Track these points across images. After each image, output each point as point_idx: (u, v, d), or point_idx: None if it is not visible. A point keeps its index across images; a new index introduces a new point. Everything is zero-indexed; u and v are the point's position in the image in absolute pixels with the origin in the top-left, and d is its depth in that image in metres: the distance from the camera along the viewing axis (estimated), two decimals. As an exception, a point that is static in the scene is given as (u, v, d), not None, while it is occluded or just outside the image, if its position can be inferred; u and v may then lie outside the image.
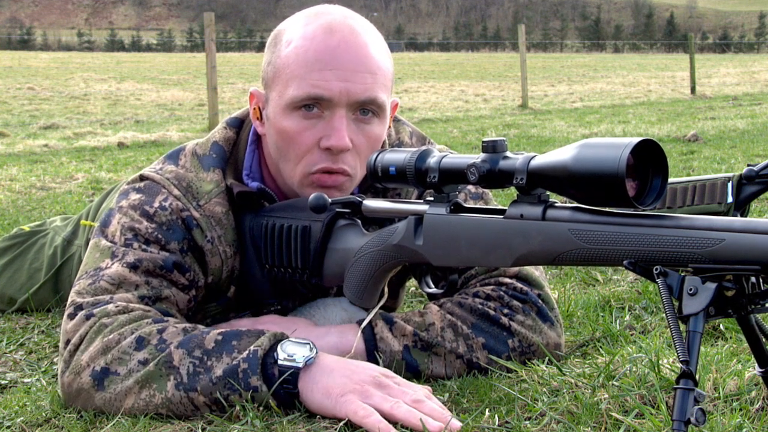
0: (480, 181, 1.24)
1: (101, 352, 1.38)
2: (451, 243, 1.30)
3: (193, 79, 23.52)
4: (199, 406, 1.34)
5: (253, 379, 1.31)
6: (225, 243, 1.57)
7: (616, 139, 1.08)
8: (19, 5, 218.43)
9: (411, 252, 1.36)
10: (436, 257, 1.33)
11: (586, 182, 1.08)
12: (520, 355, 1.52)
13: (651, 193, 1.09)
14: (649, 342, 1.67)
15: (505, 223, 1.23)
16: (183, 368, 1.34)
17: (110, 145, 8.72)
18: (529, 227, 1.19)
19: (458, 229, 1.29)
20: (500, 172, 1.22)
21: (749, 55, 50.05)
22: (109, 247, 1.52)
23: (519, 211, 1.21)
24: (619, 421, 1.25)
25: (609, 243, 1.10)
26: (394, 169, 1.34)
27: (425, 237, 1.33)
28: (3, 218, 3.98)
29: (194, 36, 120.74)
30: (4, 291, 2.28)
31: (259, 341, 1.35)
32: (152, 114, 13.68)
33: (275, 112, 1.54)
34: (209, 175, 1.59)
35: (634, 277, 2.40)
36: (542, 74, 26.35)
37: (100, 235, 1.55)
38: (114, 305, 1.43)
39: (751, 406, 1.30)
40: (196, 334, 1.39)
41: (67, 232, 2.31)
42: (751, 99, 14.94)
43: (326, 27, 1.52)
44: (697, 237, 1.02)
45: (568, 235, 1.14)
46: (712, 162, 5.55)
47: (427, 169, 1.31)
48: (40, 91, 18.68)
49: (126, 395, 1.36)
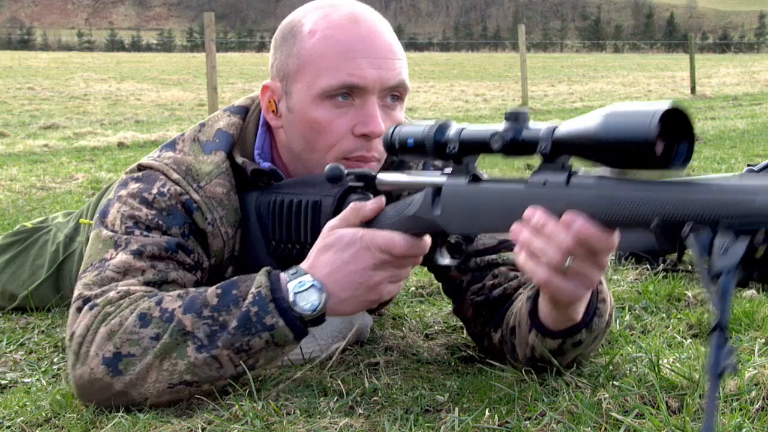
0: (503, 149, 1.24)
1: (106, 338, 1.38)
2: (471, 212, 1.30)
3: (193, 79, 23.54)
4: (223, 362, 1.36)
5: (268, 318, 1.35)
6: (227, 224, 1.57)
7: (643, 104, 1.09)
8: (19, 5, 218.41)
9: (427, 222, 1.36)
10: (454, 226, 1.33)
11: (614, 147, 1.09)
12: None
13: (678, 158, 1.10)
14: (649, 342, 1.67)
15: (529, 191, 1.22)
16: (199, 331, 1.36)
17: (110, 145, 8.72)
18: (553, 193, 1.19)
19: (479, 198, 1.29)
20: (523, 140, 1.22)
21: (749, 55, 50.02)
22: (111, 237, 1.51)
23: (542, 178, 1.21)
24: (619, 421, 1.25)
25: (637, 206, 1.10)
26: (412, 141, 1.34)
27: (443, 207, 1.33)
28: (3, 218, 3.98)
29: (194, 36, 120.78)
30: (5, 287, 2.28)
31: (257, 281, 1.38)
32: (152, 114, 13.69)
33: (303, 102, 1.54)
34: (209, 158, 1.59)
35: (633, 277, 2.40)
36: (542, 74, 26.37)
37: (100, 226, 1.55)
38: (115, 292, 1.43)
39: (751, 406, 1.30)
40: (195, 295, 1.40)
41: (69, 229, 2.31)
42: (751, 99, 14.96)
43: (350, 16, 1.54)
44: (727, 198, 1.03)
45: (594, 201, 1.14)
46: (712, 162, 5.55)
47: (446, 141, 1.31)
48: (40, 91, 18.69)
49: (147, 372, 1.36)
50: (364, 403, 1.39)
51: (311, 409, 1.35)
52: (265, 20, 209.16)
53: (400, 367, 1.62)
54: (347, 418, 1.30)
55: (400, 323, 1.99)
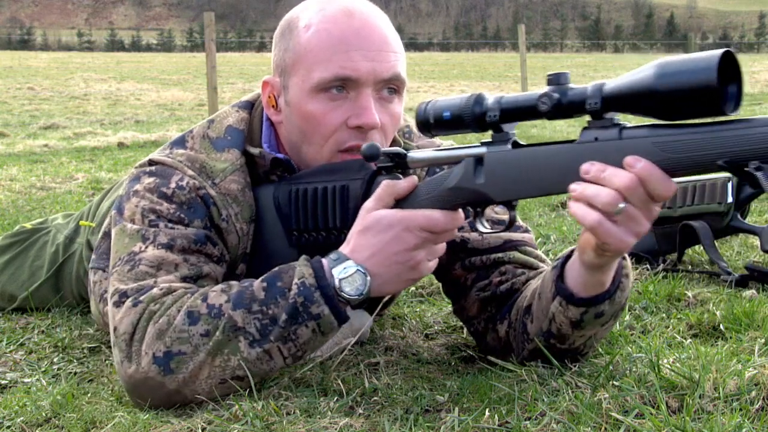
0: (551, 110, 1.24)
1: (156, 337, 1.38)
2: (520, 176, 1.29)
3: (193, 79, 23.55)
4: (274, 355, 1.38)
5: (314, 307, 1.36)
6: (241, 220, 1.57)
7: (697, 54, 1.10)
8: (19, 5, 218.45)
9: (470, 192, 1.36)
10: (501, 192, 1.32)
11: (673, 97, 1.10)
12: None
13: (730, 99, 1.11)
14: (649, 342, 1.67)
15: (580, 147, 1.22)
16: (251, 326, 1.37)
17: (110, 145, 8.73)
18: (606, 147, 1.19)
19: (527, 161, 1.28)
20: (571, 100, 1.22)
21: (749, 55, 49.99)
22: (138, 230, 1.50)
23: (593, 135, 1.21)
24: (619, 421, 1.25)
25: (697, 149, 1.11)
26: (449, 114, 1.34)
27: (487, 174, 1.33)
28: (3, 218, 3.98)
29: (194, 36, 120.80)
30: (5, 288, 2.28)
31: (299, 272, 1.39)
32: (152, 114, 13.69)
33: (299, 96, 1.55)
34: (223, 155, 1.59)
35: (633, 277, 2.40)
36: (542, 74, 26.35)
37: (121, 221, 1.54)
38: (158, 288, 1.43)
39: (751, 406, 1.30)
40: (241, 290, 1.40)
41: (69, 230, 2.31)
42: (751, 99, 14.96)
43: (345, 10, 1.54)
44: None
45: (651, 148, 1.15)
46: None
47: (485, 110, 1.31)
48: (40, 91, 18.69)
49: (200, 368, 1.37)
50: (364, 403, 1.39)
51: (311, 409, 1.35)
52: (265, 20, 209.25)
53: (400, 367, 1.62)
54: (347, 418, 1.30)
55: (400, 323, 1.99)
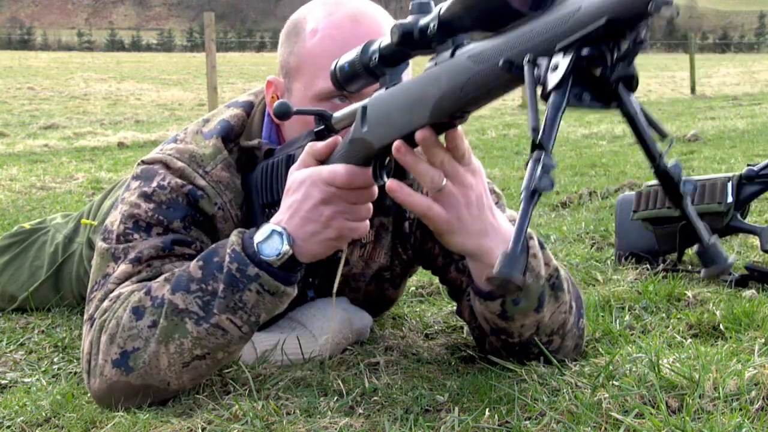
0: (401, 41, 1.21)
1: (109, 342, 1.40)
2: (388, 117, 1.28)
3: (193, 79, 23.53)
4: (225, 327, 1.37)
5: (249, 269, 1.36)
6: (236, 206, 1.58)
7: None
8: (19, 5, 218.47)
9: (361, 144, 1.33)
10: (378, 138, 1.30)
11: (478, 8, 1.06)
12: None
13: (533, 5, 1.04)
14: (649, 342, 1.67)
15: (422, 76, 1.21)
16: (192, 305, 1.37)
17: (110, 145, 8.72)
18: (438, 71, 1.17)
19: (390, 102, 1.27)
20: (421, 29, 1.19)
21: (749, 55, 50.02)
22: (108, 249, 1.52)
23: (434, 60, 1.20)
24: (619, 421, 1.25)
25: (495, 55, 1.07)
26: (347, 66, 1.32)
27: (368, 122, 1.31)
28: (3, 218, 3.98)
29: (194, 36, 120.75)
30: (5, 289, 2.28)
31: (230, 242, 1.39)
32: (152, 114, 13.69)
33: (301, 102, 1.54)
34: (209, 142, 1.60)
35: (633, 277, 2.40)
36: (542, 74, 26.29)
37: (102, 235, 1.56)
38: (109, 300, 1.45)
39: (751, 406, 1.30)
40: (180, 274, 1.41)
41: (68, 230, 2.31)
42: (751, 99, 14.96)
43: (351, 16, 1.53)
44: (557, 18, 0.99)
45: (466, 63, 1.12)
46: (712, 162, 5.55)
47: (369, 57, 1.29)
48: (40, 91, 18.69)
49: (158, 359, 1.38)
50: (364, 403, 1.39)
51: (311, 409, 1.35)
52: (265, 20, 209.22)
53: (400, 367, 1.62)
54: (347, 418, 1.30)
55: (400, 323, 1.99)
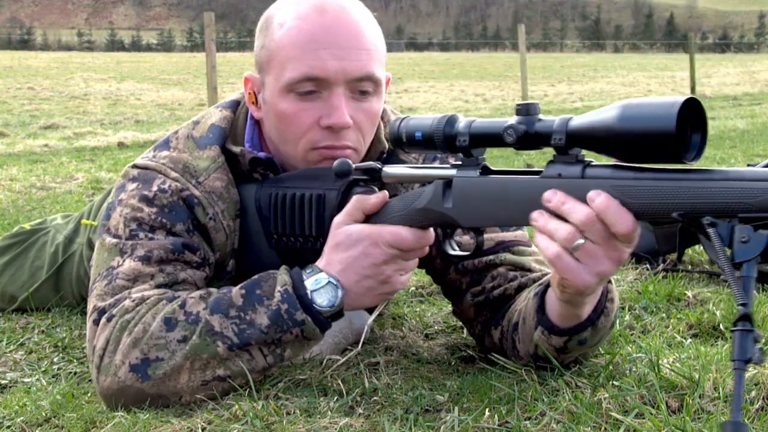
0: (517, 142, 1.24)
1: (132, 345, 1.39)
2: (485, 204, 1.30)
3: (193, 79, 23.55)
4: (254, 354, 1.41)
5: (298, 314, 1.39)
6: (228, 217, 1.57)
7: (660, 98, 1.10)
8: (19, 5, 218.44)
9: (438, 215, 1.36)
10: (467, 219, 1.33)
11: (633, 140, 1.10)
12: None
13: (692, 148, 1.11)
14: (649, 342, 1.67)
15: (544, 182, 1.22)
16: (228, 331, 1.39)
17: (110, 145, 8.73)
18: (568, 185, 1.19)
19: (493, 190, 1.29)
20: (537, 132, 1.22)
21: (749, 55, 50.01)
22: (116, 244, 1.51)
23: (557, 170, 1.21)
24: (619, 421, 1.25)
25: (655, 197, 1.11)
26: (420, 135, 1.34)
27: (455, 199, 1.34)
28: (3, 218, 3.97)
29: (194, 36, 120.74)
30: (5, 289, 2.28)
31: (281, 280, 1.42)
32: (152, 114, 13.69)
33: (272, 95, 1.54)
34: (205, 153, 1.59)
35: (633, 277, 2.40)
36: (542, 74, 26.37)
37: (104, 233, 1.55)
38: (130, 300, 1.44)
39: (751, 406, 1.30)
40: (219, 297, 1.42)
41: (68, 230, 2.31)
42: (751, 99, 14.97)
43: (318, 7, 1.52)
44: (746, 187, 1.04)
45: (610, 192, 1.15)
46: (712, 162, 5.56)
47: (456, 134, 1.31)
48: (40, 91, 18.69)
49: (179, 373, 1.38)
50: (364, 403, 1.39)
51: (311, 409, 1.35)
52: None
53: (400, 367, 1.62)
54: (347, 418, 1.30)
55: (400, 323, 1.99)
